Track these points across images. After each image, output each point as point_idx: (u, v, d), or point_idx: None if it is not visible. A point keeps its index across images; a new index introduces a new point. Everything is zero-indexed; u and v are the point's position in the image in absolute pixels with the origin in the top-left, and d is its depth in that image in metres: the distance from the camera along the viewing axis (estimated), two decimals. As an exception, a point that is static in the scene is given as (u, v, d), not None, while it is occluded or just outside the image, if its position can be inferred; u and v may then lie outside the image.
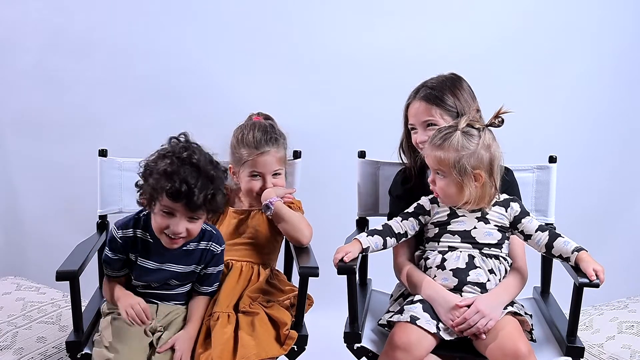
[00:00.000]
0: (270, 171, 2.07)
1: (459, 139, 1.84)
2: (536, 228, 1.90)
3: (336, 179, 2.97)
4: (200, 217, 1.80)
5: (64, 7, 3.12)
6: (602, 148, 3.32)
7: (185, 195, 1.71)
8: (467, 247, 1.89)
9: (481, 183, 1.86)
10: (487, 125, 1.88)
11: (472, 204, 1.88)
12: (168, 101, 3.13)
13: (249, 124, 2.11)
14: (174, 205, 1.74)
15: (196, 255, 1.90)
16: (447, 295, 1.84)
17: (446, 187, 1.87)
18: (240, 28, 3.17)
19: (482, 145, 1.84)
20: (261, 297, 1.99)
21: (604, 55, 3.25)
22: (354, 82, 3.20)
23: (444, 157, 1.84)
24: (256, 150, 2.04)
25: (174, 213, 1.76)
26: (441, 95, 1.98)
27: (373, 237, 1.93)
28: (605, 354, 2.19)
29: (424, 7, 3.19)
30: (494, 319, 1.79)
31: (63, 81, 3.16)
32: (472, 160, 1.83)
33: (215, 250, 1.93)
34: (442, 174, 1.87)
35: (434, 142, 1.87)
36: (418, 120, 2.01)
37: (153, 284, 1.91)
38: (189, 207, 1.74)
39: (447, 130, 1.87)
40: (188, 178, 1.72)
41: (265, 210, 2.03)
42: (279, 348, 1.85)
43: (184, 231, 1.78)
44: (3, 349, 2.11)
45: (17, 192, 3.27)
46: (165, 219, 1.77)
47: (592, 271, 1.75)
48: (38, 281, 2.64)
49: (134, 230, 1.87)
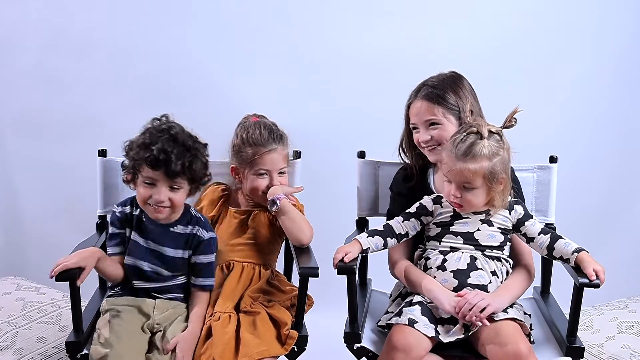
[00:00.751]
0: (277, 169, 2.07)
1: (488, 146, 1.80)
2: (539, 231, 1.89)
3: (336, 179, 2.97)
4: (181, 185, 1.87)
5: (64, 7, 3.12)
6: (602, 148, 3.32)
7: (163, 162, 1.81)
8: (469, 248, 1.88)
9: (503, 186, 1.85)
10: (504, 127, 1.87)
11: (497, 207, 1.87)
12: (168, 101, 3.10)
13: (252, 124, 2.11)
14: (154, 175, 1.83)
15: (183, 238, 1.95)
16: (448, 290, 1.85)
17: (474, 198, 1.84)
18: (240, 28, 3.17)
19: (506, 148, 1.84)
20: (262, 297, 2.00)
21: (604, 55, 3.25)
22: (354, 82, 3.20)
23: (478, 168, 1.80)
24: (263, 148, 2.05)
25: (155, 183, 1.85)
26: (443, 94, 1.97)
27: (373, 238, 1.92)
28: (605, 354, 2.19)
29: (424, 7, 3.19)
30: (494, 306, 1.78)
31: (63, 81, 3.16)
32: (501, 165, 1.82)
33: (202, 235, 1.95)
34: (471, 186, 1.82)
35: (460, 155, 1.80)
36: (420, 119, 1.99)
37: (144, 266, 1.92)
38: (168, 175, 1.82)
39: (471, 140, 1.81)
40: (165, 146, 1.82)
41: (271, 206, 2.01)
42: (280, 347, 1.85)
43: (167, 200, 1.85)
44: (3, 349, 2.11)
45: (17, 192, 3.27)
46: (147, 189, 1.86)
47: (592, 271, 1.75)
48: (38, 281, 2.64)
49: (131, 207, 1.96)
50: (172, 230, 1.95)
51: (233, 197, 2.19)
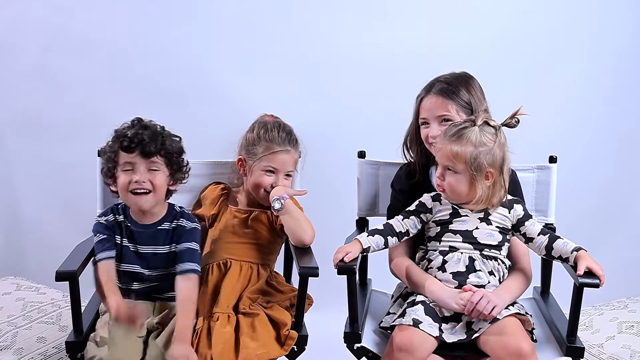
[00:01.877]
0: (285, 170, 2.08)
1: (477, 134, 1.82)
2: (538, 232, 1.89)
3: (336, 179, 2.97)
4: (159, 167, 1.91)
5: (64, 7, 3.12)
6: (601, 148, 3.32)
7: (137, 143, 1.87)
8: (467, 247, 1.88)
9: (492, 182, 1.85)
10: (503, 125, 1.87)
11: (481, 203, 1.87)
12: (168, 101, 3.13)
13: (272, 122, 2.12)
14: (130, 158, 1.88)
15: (169, 233, 1.96)
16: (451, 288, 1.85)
17: (456, 183, 1.85)
18: (241, 28, 3.17)
19: (498, 143, 1.83)
20: (261, 298, 2.00)
21: (604, 55, 3.25)
22: (354, 82, 3.20)
23: (461, 151, 1.82)
24: (278, 146, 2.06)
25: (133, 167, 1.89)
26: (457, 91, 1.97)
27: (374, 237, 1.92)
28: (605, 354, 2.19)
29: (424, 8, 3.19)
30: (499, 306, 1.78)
31: (63, 81, 3.16)
32: (488, 157, 1.82)
33: (185, 225, 1.96)
34: (454, 169, 1.85)
35: (449, 136, 1.84)
36: (433, 114, 1.98)
37: (139, 269, 1.93)
38: (144, 154, 1.88)
39: (463, 125, 1.84)
40: (138, 131, 1.90)
41: (275, 205, 2.01)
42: (279, 349, 1.85)
43: (147, 181, 1.89)
44: (3, 349, 2.11)
45: (17, 192, 3.27)
46: (127, 175, 1.89)
47: (583, 268, 1.75)
48: (38, 281, 2.64)
49: (114, 215, 1.97)
50: (160, 228, 1.96)
51: (233, 196, 2.19)
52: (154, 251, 1.94)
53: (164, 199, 1.97)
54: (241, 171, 2.14)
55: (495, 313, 1.78)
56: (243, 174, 2.13)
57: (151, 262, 1.94)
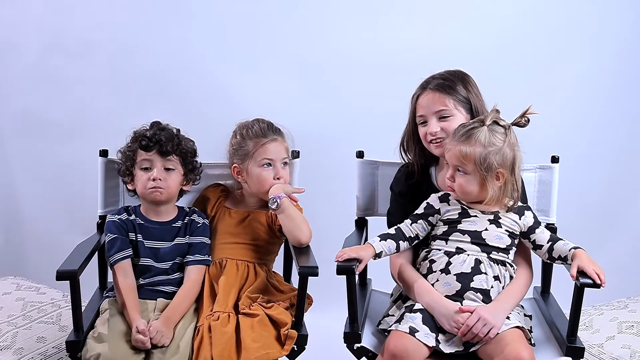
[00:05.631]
0: (280, 158, 2.09)
1: (486, 134, 1.80)
2: (547, 239, 1.88)
3: (335, 179, 2.97)
4: (175, 166, 2.04)
5: (64, 7, 3.13)
6: (603, 148, 3.32)
7: (156, 142, 2.02)
8: (475, 249, 1.85)
9: (502, 182, 1.83)
10: (513, 124, 1.86)
11: (492, 203, 1.85)
12: (168, 101, 3.13)
13: (250, 121, 2.14)
14: (148, 156, 2.02)
15: (183, 229, 2.08)
16: (447, 302, 1.82)
17: (466, 183, 1.84)
18: (241, 28, 3.17)
19: (508, 143, 1.82)
20: (261, 298, 1.99)
21: (604, 55, 3.25)
22: (354, 82, 3.20)
23: (470, 152, 1.80)
24: (264, 138, 2.08)
25: (151, 166, 2.02)
26: (454, 85, 1.96)
27: (386, 242, 1.90)
28: (605, 354, 2.19)
29: (424, 8, 3.19)
30: (497, 327, 1.76)
31: (63, 81, 3.16)
32: (498, 157, 1.80)
33: (198, 221, 2.09)
34: (464, 170, 1.83)
35: (458, 137, 1.83)
36: (430, 110, 1.96)
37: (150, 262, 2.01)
38: (162, 153, 2.02)
39: (472, 125, 1.83)
40: (156, 132, 2.04)
41: (272, 204, 2.01)
42: (280, 349, 1.84)
43: (164, 178, 2.01)
44: (3, 349, 2.11)
45: (17, 192, 3.27)
46: (145, 173, 2.02)
47: (575, 269, 1.74)
48: (38, 281, 2.64)
49: (127, 214, 2.07)
50: (173, 226, 2.07)
51: (232, 198, 2.19)
52: (165, 245, 2.04)
53: (176, 197, 2.10)
54: (239, 178, 2.14)
55: (492, 335, 1.75)
56: (242, 180, 2.13)
57: (161, 254, 2.03)
